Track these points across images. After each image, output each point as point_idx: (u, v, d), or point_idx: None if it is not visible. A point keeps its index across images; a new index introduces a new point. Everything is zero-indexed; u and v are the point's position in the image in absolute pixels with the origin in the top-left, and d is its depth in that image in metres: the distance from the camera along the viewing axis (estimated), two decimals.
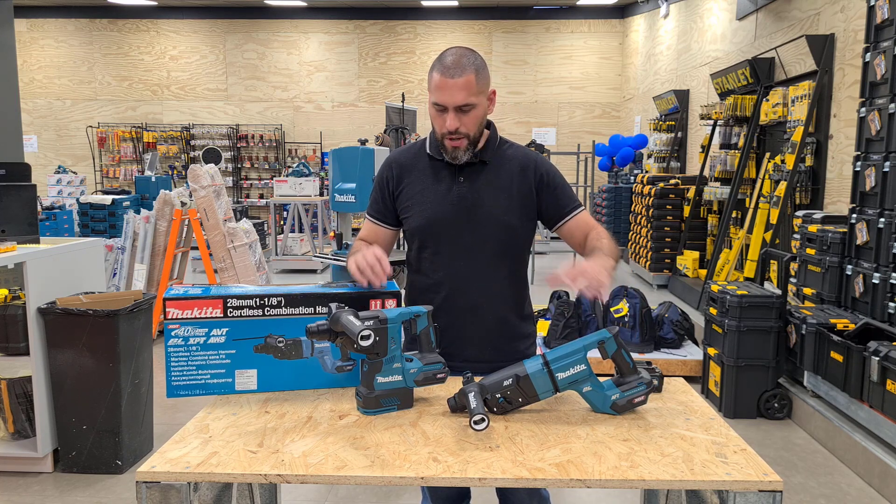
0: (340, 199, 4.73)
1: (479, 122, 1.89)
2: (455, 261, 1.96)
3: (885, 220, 3.93)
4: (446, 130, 1.87)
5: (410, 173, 2.01)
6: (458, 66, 1.81)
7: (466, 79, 1.81)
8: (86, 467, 3.32)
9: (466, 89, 1.82)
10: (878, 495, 3.30)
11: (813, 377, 4.01)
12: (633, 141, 11.05)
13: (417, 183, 1.99)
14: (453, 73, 1.81)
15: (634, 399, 1.63)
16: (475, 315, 1.97)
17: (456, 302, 1.97)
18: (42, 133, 14.17)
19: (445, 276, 1.97)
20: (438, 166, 1.98)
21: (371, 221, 2.08)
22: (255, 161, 14.14)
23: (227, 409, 1.65)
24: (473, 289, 1.97)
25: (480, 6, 13.44)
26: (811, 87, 5.56)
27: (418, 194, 1.98)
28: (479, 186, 1.95)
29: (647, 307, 5.02)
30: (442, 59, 1.85)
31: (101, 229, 8.10)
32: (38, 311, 3.22)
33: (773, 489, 1.31)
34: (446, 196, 1.95)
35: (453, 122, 1.84)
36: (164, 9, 13.68)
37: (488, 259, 1.96)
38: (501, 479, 1.32)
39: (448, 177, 1.97)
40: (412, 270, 2.08)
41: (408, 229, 2.02)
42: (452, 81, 1.81)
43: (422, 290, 2.02)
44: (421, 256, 2.02)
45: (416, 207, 1.98)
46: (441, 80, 1.82)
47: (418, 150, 2.04)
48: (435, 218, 1.95)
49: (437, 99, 1.84)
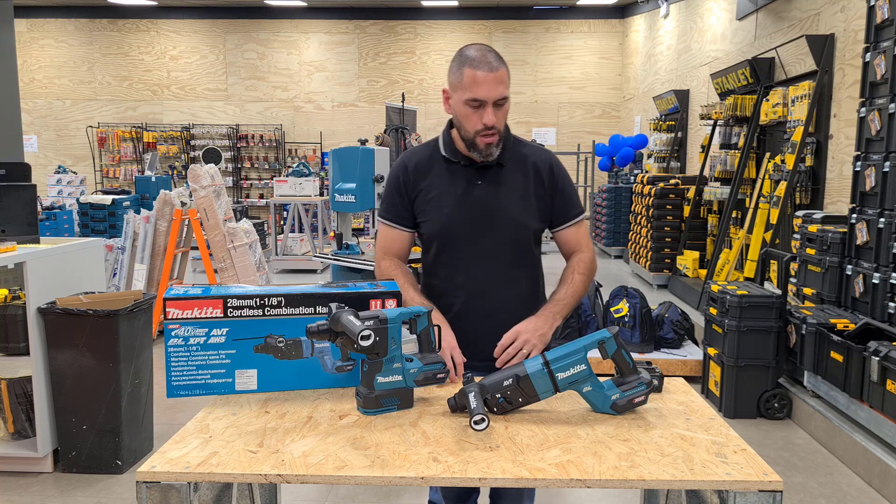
0: (340, 199, 4.73)
1: (506, 116, 1.89)
2: (474, 265, 1.95)
3: (885, 220, 3.92)
4: (482, 126, 1.82)
5: (426, 176, 1.97)
6: (491, 61, 1.79)
7: (502, 72, 1.81)
8: (86, 467, 3.32)
9: (503, 82, 1.81)
10: (878, 495, 3.30)
11: (813, 377, 4.01)
12: (633, 141, 11.05)
13: (434, 187, 1.96)
14: (490, 66, 1.78)
15: (634, 399, 1.63)
16: (495, 319, 1.94)
17: (475, 306, 1.96)
18: (42, 133, 14.17)
19: (465, 280, 1.96)
20: (455, 168, 1.95)
21: (389, 226, 2.03)
22: (255, 161, 14.14)
23: (227, 409, 1.65)
24: (493, 293, 1.96)
25: (480, 6, 13.44)
26: (811, 87, 5.56)
27: (435, 198, 1.95)
28: (496, 189, 1.94)
29: (647, 307, 5.02)
30: (466, 55, 1.82)
31: (101, 229, 8.10)
32: (38, 311, 3.22)
33: (773, 489, 1.31)
34: (464, 199, 1.93)
35: (492, 117, 1.81)
36: (164, 9, 13.68)
37: (507, 262, 1.96)
38: (501, 479, 1.32)
39: (465, 179, 1.94)
40: (428, 274, 2.05)
41: (425, 233, 2.00)
42: (492, 75, 1.78)
43: (440, 294, 2.00)
44: (439, 261, 2.00)
45: (433, 212, 1.95)
46: (478, 74, 1.78)
47: (432, 152, 2.00)
48: (453, 222, 1.93)
49: (475, 94, 1.79)
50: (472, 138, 1.87)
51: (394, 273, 1.98)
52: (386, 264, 2.02)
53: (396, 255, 2.04)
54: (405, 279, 1.96)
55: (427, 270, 2.06)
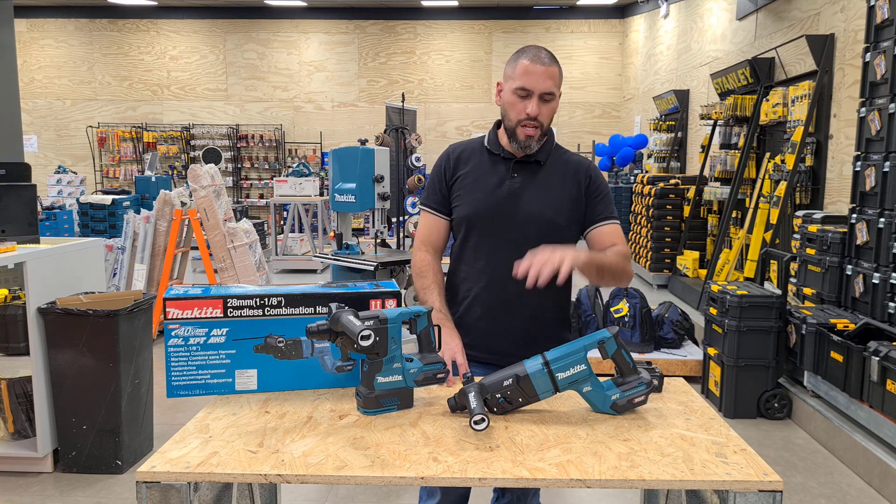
0: (340, 199, 4.73)
1: (551, 115, 1.95)
2: (497, 253, 1.99)
3: (885, 220, 3.93)
4: (525, 116, 1.90)
5: (467, 164, 2.06)
6: (544, 57, 1.89)
7: (554, 70, 1.89)
8: (86, 467, 3.32)
9: (553, 78, 1.89)
10: (878, 495, 3.30)
11: (813, 377, 4.01)
12: (633, 141, 11.05)
13: (471, 174, 2.04)
14: (542, 61, 1.88)
15: (634, 399, 1.63)
16: (510, 309, 1.99)
17: (493, 294, 2.00)
18: (42, 133, 14.17)
19: (485, 266, 2.01)
20: (495, 160, 2.03)
21: (429, 213, 2.10)
22: (255, 161, 14.14)
23: (227, 409, 1.64)
24: (511, 283, 1.96)
25: (480, 6, 13.44)
26: (811, 87, 5.56)
27: (470, 185, 2.02)
28: (530, 184, 1.99)
29: (647, 307, 5.02)
30: (524, 50, 1.92)
31: (101, 229, 8.10)
32: (38, 311, 3.22)
33: (773, 489, 1.31)
34: (497, 189, 1.99)
35: (535, 107, 1.89)
36: (164, 9, 13.68)
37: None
38: (501, 479, 1.32)
39: (502, 171, 2.01)
40: (454, 259, 2.12)
41: (456, 217, 2.06)
42: (543, 68, 1.87)
43: (462, 279, 2.06)
44: (465, 246, 2.05)
45: (466, 197, 2.02)
46: (530, 65, 1.87)
47: (478, 145, 2.10)
48: (482, 209, 1.99)
49: (523, 83, 1.88)
50: (514, 127, 1.94)
51: (425, 270, 2.03)
52: (420, 257, 2.06)
53: (433, 246, 2.09)
54: (433, 279, 2.01)
55: (454, 256, 2.12)
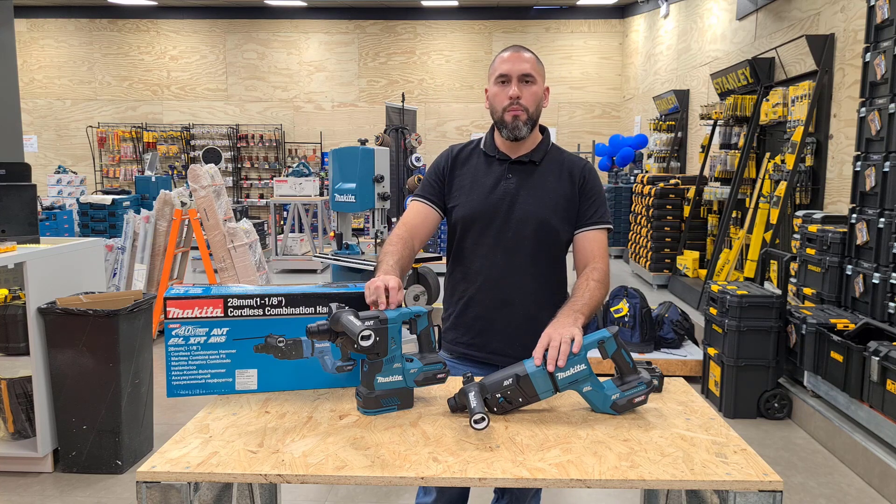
0: (340, 199, 4.73)
1: (536, 100, 2.00)
2: (492, 253, 2.01)
3: (885, 220, 3.93)
4: (508, 100, 1.96)
5: (464, 165, 2.09)
6: (522, 49, 2.01)
7: (531, 56, 2.00)
8: (86, 467, 3.32)
9: (529, 63, 1.98)
10: (878, 495, 3.30)
11: (813, 377, 4.01)
12: (633, 141, 11.04)
13: (468, 175, 2.07)
14: (518, 50, 1.99)
15: (634, 399, 1.63)
16: (506, 309, 2.01)
17: (489, 293, 2.02)
18: (42, 133, 14.16)
19: (482, 266, 2.03)
20: (491, 162, 2.07)
21: (418, 201, 2.09)
22: (255, 161, 14.14)
23: (227, 409, 1.64)
24: (507, 283, 2.02)
25: (480, 6, 13.44)
26: (811, 87, 5.56)
27: (467, 185, 2.06)
28: (525, 185, 2.02)
29: (647, 307, 5.02)
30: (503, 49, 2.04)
31: (101, 229, 8.10)
32: (38, 311, 3.22)
33: (774, 489, 1.31)
34: (492, 190, 2.02)
35: (516, 89, 1.95)
36: (164, 9, 13.68)
37: (525, 256, 2.01)
38: (501, 479, 1.32)
39: (497, 173, 2.04)
40: (451, 260, 2.14)
41: (453, 218, 2.08)
42: (516, 55, 1.98)
43: (458, 279, 2.08)
44: (462, 246, 2.07)
45: (462, 198, 2.05)
46: (506, 55, 1.99)
47: (475, 147, 2.13)
48: (478, 209, 2.01)
49: (502, 70, 1.97)
50: (501, 116, 1.99)
51: (392, 241, 1.97)
52: (393, 234, 2.02)
53: (411, 228, 2.03)
54: (394, 248, 1.92)
55: (451, 257, 2.13)
